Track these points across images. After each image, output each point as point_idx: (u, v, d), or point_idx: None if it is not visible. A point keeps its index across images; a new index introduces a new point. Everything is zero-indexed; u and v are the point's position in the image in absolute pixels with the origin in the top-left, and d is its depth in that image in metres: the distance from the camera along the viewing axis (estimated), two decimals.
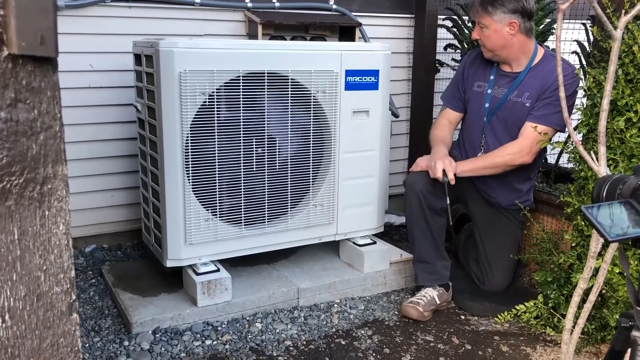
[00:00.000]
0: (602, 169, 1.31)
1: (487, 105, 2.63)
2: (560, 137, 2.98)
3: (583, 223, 2.24)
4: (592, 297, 1.45)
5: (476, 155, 2.65)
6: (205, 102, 2.27)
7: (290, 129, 2.48)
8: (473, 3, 2.55)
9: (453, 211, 3.08)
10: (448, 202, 2.49)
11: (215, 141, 2.32)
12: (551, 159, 3.38)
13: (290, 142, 2.50)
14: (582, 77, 2.64)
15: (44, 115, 0.78)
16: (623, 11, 1.31)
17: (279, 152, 2.47)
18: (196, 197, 2.33)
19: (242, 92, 2.33)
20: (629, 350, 1.06)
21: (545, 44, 3.12)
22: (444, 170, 2.45)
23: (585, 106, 2.24)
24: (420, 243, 2.59)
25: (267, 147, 2.44)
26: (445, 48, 3.56)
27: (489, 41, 2.53)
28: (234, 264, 2.65)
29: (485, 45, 2.56)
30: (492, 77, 2.64)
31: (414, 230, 2.59)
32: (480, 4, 2.49)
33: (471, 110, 2.72)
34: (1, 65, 0.72)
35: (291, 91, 2.44)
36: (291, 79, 2.42)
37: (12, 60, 0.73)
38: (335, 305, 2.59)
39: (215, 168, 2.34)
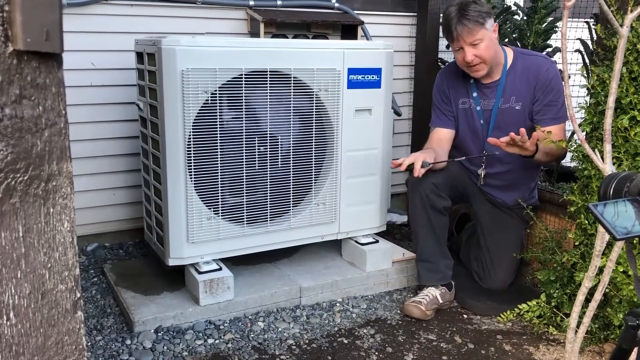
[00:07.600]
0: (607, 167, 1.31)
1: (482, 122, 2.59)
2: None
3: (587, 222, 2.23)
4: (598, 296, 1.45)
5: (477, 171, 2.64)
6: (207, 100, 2.26)
7: (293, 127, 2.48)
8: (453, 27, 2.37)
9: (454, 211, 3.08)
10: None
11: (217, 139, 2.31)
12: None
13: (293, 141, 2.49)
14: (585, 75, 2.63)
15: (48, 112, 0.78)
16: (629, 8, 1.30)
17: (281, 150, 2.47)
18: (198, 195, 2.33)
19: (245, 90, 2.33)
20: (636, 349, 1.06)
21: (548, 42, 3.11)
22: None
23: (588, 105, 2.23)
24: (423, 242, 2.59)
25: (270, 145, 2.43)
26: (447, 46, 3.55)
27: (487, 54, 2.41)
28: (236, 262, 2.64)
29: (485, 60, 2.43)
30: (475, 94, 2.59)
31: (417, 229, 2.58)
32: (470, 20, 2.35)
33: (464, 129, 2.65)
34: (6, 61, 0.72)
35: (293, 89, 2.43)
36: (293, 77, 2.42)
37: (17, 56, 0.72)
38: (338, 304, 2.58)
39: (217, 166, 2.34)
